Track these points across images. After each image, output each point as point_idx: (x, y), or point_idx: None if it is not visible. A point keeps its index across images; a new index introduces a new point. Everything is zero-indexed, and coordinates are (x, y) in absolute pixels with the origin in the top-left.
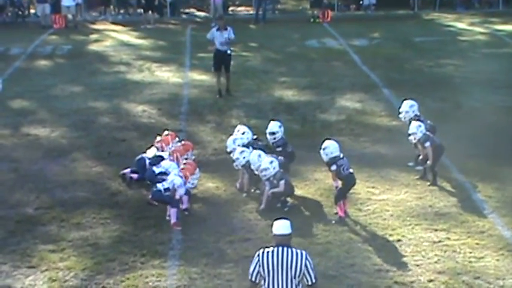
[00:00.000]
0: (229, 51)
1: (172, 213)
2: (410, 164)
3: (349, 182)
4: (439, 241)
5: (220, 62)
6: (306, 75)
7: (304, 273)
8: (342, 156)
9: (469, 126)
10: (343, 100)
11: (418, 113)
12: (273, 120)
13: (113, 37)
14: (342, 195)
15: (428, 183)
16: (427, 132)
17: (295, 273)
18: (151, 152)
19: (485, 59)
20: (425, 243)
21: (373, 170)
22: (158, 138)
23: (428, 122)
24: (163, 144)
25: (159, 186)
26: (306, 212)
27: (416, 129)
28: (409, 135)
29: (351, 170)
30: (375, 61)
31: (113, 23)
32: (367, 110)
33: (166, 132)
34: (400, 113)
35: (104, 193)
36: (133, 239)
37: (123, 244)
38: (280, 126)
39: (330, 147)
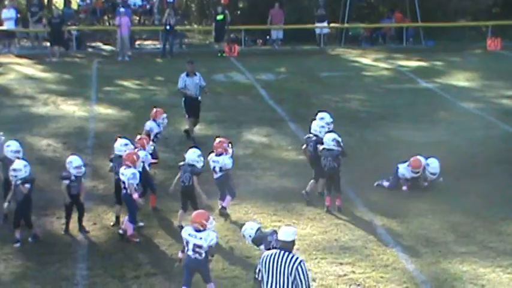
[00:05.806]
0: (199, 98)
1: (128, 225)
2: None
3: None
4: (344, 275)
5: (193, 108)
6: (213, 110)
7: (295, 277)
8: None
9: (373, 161)
10: (250, 134)
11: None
12: None
13: (17, 70)
14: None
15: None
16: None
17: (290, 273)
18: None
19: (389, 94)
20: (331, 276)
21: (280, 204)
22: (138, 137)
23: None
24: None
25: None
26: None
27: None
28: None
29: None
30: (282, 95)
31: (18, 56)
32: (273, 144)
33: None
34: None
35: (7, 228)
36: (36, 275)
37: (26, 280)
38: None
39: None
